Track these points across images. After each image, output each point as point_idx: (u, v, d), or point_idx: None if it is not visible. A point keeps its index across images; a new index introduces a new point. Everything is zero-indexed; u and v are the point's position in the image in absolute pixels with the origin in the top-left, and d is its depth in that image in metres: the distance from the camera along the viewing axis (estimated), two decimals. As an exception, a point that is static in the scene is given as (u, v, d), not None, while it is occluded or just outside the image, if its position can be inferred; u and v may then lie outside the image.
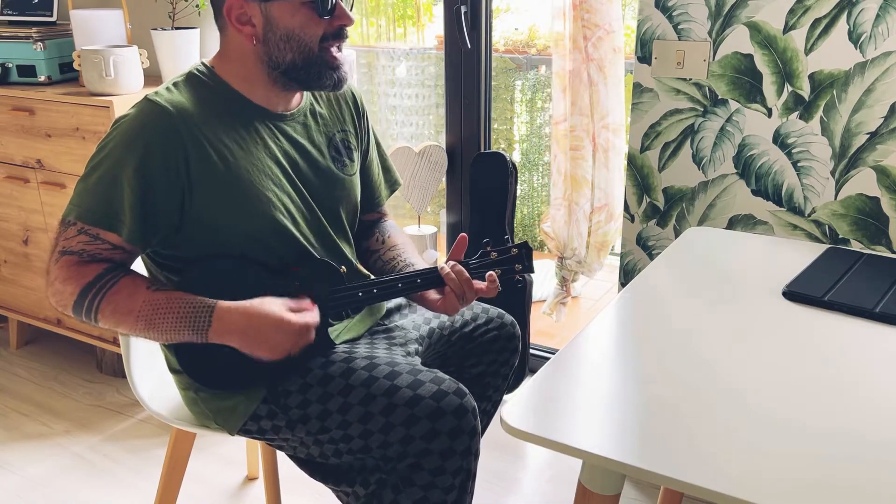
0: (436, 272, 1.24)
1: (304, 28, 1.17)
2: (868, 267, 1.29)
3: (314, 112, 1.32)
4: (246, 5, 1.15)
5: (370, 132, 1.44)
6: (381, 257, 1.41)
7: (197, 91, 1.20)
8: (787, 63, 1.58)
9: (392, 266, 1.37)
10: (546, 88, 3.30)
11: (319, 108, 1.33)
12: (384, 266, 1.39)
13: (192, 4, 2.29)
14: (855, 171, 1.58)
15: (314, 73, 1.20)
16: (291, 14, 1.16)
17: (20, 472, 1.96)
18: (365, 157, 1.42)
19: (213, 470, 1.96)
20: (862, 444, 0.84)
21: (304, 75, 1.21)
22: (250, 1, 1.15)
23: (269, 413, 1.23)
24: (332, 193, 1.31)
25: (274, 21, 1.16)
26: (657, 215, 1.82)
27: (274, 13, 1.16)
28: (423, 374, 1.18)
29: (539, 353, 2.39)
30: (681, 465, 0.80)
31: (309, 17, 1.17)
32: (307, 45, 1.18)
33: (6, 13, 2.36)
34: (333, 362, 1.23)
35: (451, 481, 1.15)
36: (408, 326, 1.39)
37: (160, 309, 1.12)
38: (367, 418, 1.16)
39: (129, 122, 1.14)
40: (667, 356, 1.03)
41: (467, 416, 1.15)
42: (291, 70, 1.20)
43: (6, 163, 2.30)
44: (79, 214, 1.13)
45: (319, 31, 1.18)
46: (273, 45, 1.18)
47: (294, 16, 1.16)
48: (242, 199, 1.18)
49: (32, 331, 2.70)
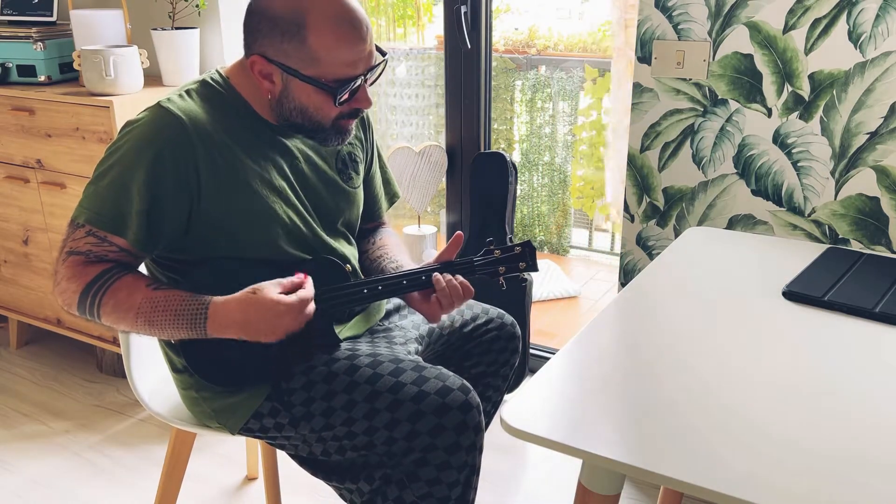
0: (428, 277, 1.24)
1: (319, 109, 1.18)
2: (868, 267, 1.29)
3: None
4: (270, 66, 1.15)
5: (374, 145, 1.44)
6: (369, 255, 1.42)
7: (210, 100, 1.20)
8: (787, 63, 1.58)
9: (377, 264, 1.38)
10: (546, 88, 3.30)
11: None
12: (371, 264, 1.40)
13: (192, 4, 2.29)
14: (855, 171, 1.58)
15: (320, 136, 1.23)
16: (308, 95, 1.16)
17: (20, 472, 1.96)
18: (368, 170, 1.43)
19: (213, 470, 1.96)
20: (862, 444, 0.84)
21: (309, 134, 1.23)
22: (274, 65, 1.14)
23: (272, 411, 1.23)
24: (337, 205, 1.32)
25: (291, 92, 1.17)
26: (657, 215, 1.82)
27: (292, 86, 1.16)
28: (427, 370, 1.19)
29: (539, 353, 2.39)
30: (681, 465, 0.80)
31: (326, 101, 1.17)
32: (319, 122, 1.20)
33: (6, 13, 2.36)
34: (337, 360, 1.23)
35: (455, 476, 1.15)
36: (407, 326, 1.40)
37: (159, 307, 1.12)
38: (373, 414, 1.16)
39: (141, 129, 1.14)
40: (667, 356, 1.03)
41: (472, 411, 1.15)
42: (299, 128, 1.22)
43: (6, 163, 2.30)
44: (88, 218, 1.14)
45: (334, 113, 1.19)
46: (286, 108, 1.19)
47: (310, 97, 1.16)
48: (248, 210, 1.19)
49: (32, 331, 2.70)
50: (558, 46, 3.30)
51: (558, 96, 3.30)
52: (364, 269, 1.42)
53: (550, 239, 3.56)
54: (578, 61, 3.23)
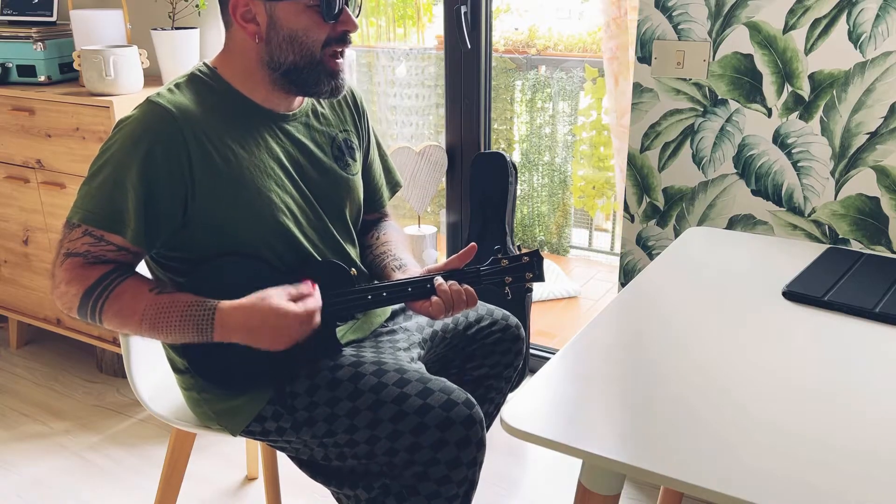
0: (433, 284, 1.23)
1: (307, 31, 1.17)
2: (868, 267, 1.29)
3: (316, 112, 1.32)
4: (251, 3, 1.15)
5: (371, 132, 1.44)
6: (372, 251, 1.41)
7: (199, 92, 1.20)
8: (787, 63, 1.58)
9: (380, 261, 1.37)
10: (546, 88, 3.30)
11: (321, 108, 1.33)
12: (373, 261, 1.39)
13: (192, 4, 2.29)
14: (855, 171, 1.58)
15: (312, 78, 1.20)
16: (296, 15, 1.16)
17: (20, 472, 1.96)
18: (366, 158, 1.42)
19: (213, 470, 1.96)
20: (862, 444, 0.84)
21: (302, 79, 1.20)
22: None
23: (275, 414, 1.23)
24: (335, 193, 1.31)
25: (278, 21, 1.16)
26: (657, 215, 1.82)
27: (279, 13, 1.15)
28: (432, 382, 1.18)
29: (539, 353, 2.39)
30: (681, 465, 0.80)
31: (314, 20, 1.16)
32: (309, 49, 1.18)
33: (6, 13, 2.36)
34: (342, 366, 1.22)
35: (455, 491, 1.15)
36: (412, 329, 1.39)
37: (163, 311, 1.12)
38: (375, 424, 1.15)
39: (131, 125, 1.14)
40: (667, 356, 1.03)
41: (475, 426, 1.15)
42: (291, 72, 1.19)
43: (6, 163, 2.30)
44: (83, 217, 1.13)
45: (323, 35, 1.18)
46: (275, 45, 1.17)
47: (299, 17, 1.16)
48: (245, 201, 1.18)
49: (32, 331, 2.70)
50: (558, 46, 3.30)
51: (558, 96, 3.30)
52: (367, 265, 1.41)
53: (550, 239, 3.56)
54: (578, 61, 3.23)
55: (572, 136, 3.34)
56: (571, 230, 3.62)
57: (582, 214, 3.57)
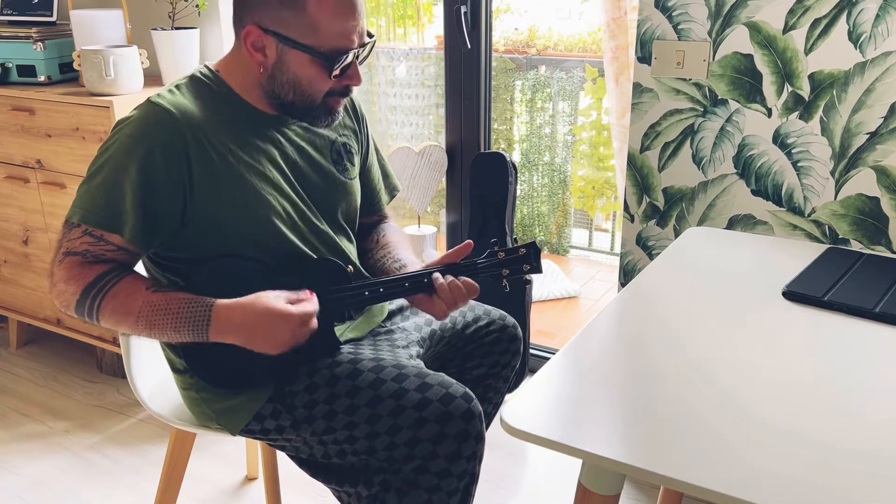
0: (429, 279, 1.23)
1: (312, 81, 1.18)
2: (868, 267, 1.29)
3: None
4: (265, 37, 1.15)
5: (369, 137, 1.44)
6: (372, 255, 1.42)
7: (200, 94, 1.20)
8: (787, 63, 1.58)
9: (381, 264, 1.38)
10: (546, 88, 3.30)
11: None
12: (375, 263, 1.40)
13: (192, 4, 2.29)
14: (855, 171, 1.58)
15: (310, 115, 1.23)
16: (304, 66, 1.16)
17: (20, 472, 1.96)
18: (364, 162, 1.43)
19: (213, 470, 1.96)
20: (862, 443, 0.84)
21: (299, 113, 1.23)
22: (269, 35, 1.15)
23: (274, 413, 1.23)
24: (333, 196, 1.31)
25: (286, 63, 1.17)
26: (657, 215, 1.82)
27: (288, 56, 1.16)
28: (430, 377, 1.18)
29: (539, 353, 2.39)
30: (681, 465, 0.80)
31: (319, 73, 1.17)
32: (311, 96, 1.20)
33: (6, 13, 2.36)
34: (340, 363, 1.23)
35: (455, 484, 1.15)
36: (409, 328, 1.39)
37: (160, 310, 1.12)
38: (374, 420, 1.16)
39: (131, 125, 1.14)
40: (666, 356, 1.03)
41: (474, 420, 1.15)
42: (288, 106, 1.22)
43: (6, 163, 2.30)
44: (82, 216, 1.13)
45: (326, 87, 1.19)
46: (279, 82, 1.19)
47: (306, 68, 1.16)
48: (243, 202, 1.18)
49: (32, 331, 2.70)
50: (558, 46, 3.30)
51: (558, 96, 3.30)
52: (367, 269, 1.41)
53: (550, 239, 3.56)
54: (578, 61, 3.23)
55: (572, 136, 3.34)
56: (571, 230, 3.62)
57: (582, 214, 3.57)
